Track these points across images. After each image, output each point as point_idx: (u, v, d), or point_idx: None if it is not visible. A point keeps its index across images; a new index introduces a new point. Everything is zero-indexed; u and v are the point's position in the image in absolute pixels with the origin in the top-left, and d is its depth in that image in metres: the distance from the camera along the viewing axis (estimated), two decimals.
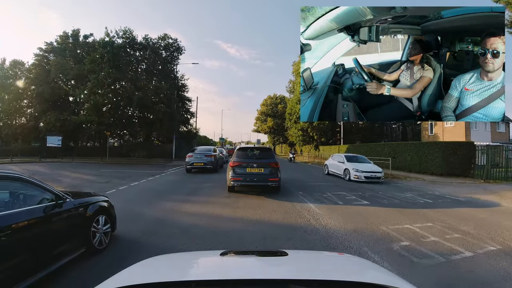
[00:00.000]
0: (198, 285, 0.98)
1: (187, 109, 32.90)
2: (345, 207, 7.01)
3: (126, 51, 25.91)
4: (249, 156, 8.35)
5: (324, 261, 1.66)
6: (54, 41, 30.60)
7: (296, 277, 1.14)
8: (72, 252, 3.23)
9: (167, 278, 1.14)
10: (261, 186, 8.16)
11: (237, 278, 1.08)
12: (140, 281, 1.04)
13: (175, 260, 1.58)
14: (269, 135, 57.78)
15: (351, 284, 1.04)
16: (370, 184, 11.37)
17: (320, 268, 1.44)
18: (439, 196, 8.86)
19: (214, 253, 1.53)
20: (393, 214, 6.32)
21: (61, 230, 3.17)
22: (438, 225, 5.36)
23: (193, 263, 1.52)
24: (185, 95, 32.53)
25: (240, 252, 1.64)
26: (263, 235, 4.48)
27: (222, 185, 9.63)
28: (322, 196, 8.41)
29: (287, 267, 1.37)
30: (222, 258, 1.43)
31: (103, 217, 3.93)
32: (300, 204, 7.13)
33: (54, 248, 2.98)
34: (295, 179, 12.90)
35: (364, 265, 1.57)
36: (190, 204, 6.84)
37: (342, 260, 1.70)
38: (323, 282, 1.04)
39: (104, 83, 23.56)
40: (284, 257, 1.42)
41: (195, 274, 1.35)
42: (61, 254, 3.04)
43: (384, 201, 7.89)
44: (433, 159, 14.83)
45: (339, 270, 1.42)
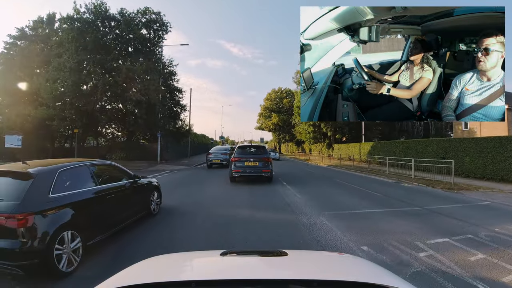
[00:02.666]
0: (198, 285, 0.99)
1: (177, 101, 26.03)
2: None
3: (98, 28, 20.44)
4: (247, 152, 10.59)
5: (324, 261, 1.67)
6: (25, 27, 25.13)
7: (296, 277, 1.15)
8: (140, 213, 5.23)
9: (167, 278, 1.15)
10: (256, 176, 10.32)
11: (237, 278, 1.09)
12: (140, 281, 1.05)
13: (175, 260, 1.59)
14: (273, 132, 52.17)
15: (351, 284, 1.04)
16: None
17: (320, 268, 1.44)
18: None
19: (214, 253, 1.54)
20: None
21: (135, 198, 5.06)
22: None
23: (193, 263, 1.54)
24: (175, 85, 25.59)
25: (240, 252, 1.66)
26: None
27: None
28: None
29: (287, 267, 1.38)
30: (222, 258, 1.44)
31: (156, 192, 5.94)
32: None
33: (132, 207, 4.91)
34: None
35: (364, 265, 1.59)
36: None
37: (342, 260, 1.72)
38: (323, 282, 1.04)
39: (66, 66, 18.39)
40: (284, 257, 1.43)
41: (195, 274, 1.36)
42: (135, 212, 5.01)
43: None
44: (504, 160, 10.98)
45: (339, 270, 1.43)
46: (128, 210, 4.71)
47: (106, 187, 4.15)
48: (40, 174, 3.24)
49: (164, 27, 23.01)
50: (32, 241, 2.82)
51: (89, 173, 3.99)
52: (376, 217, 5.97)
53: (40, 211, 2.96)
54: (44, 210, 3.01)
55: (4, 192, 3.03)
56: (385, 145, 20.57)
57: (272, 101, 50.01)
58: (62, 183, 3.41)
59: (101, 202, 3.96)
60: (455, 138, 15.45)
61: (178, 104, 26.08)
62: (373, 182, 11.85)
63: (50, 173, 3.37)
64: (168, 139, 24.54)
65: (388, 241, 4.36)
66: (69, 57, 18.69)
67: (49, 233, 2.95)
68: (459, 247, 4.15)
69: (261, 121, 52.64)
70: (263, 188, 9.66)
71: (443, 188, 9.62)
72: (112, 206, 4.22)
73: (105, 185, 4.18)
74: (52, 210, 3.11)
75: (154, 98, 19.80)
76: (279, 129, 48.84)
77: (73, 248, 3.23)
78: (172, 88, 25.38)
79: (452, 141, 14.35)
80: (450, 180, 10.33)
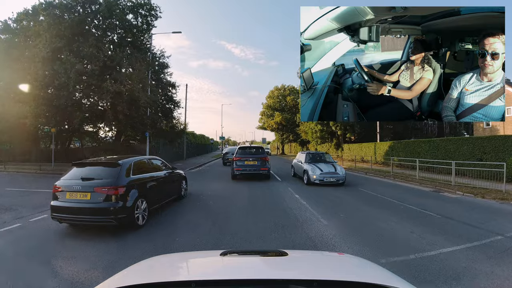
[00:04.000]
0: (198, 285, 0.99)
1: (170, 97, 22.27)
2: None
3: (78, 13, 17.83)
4: (247, 152, 11.73)
5: (324, 261, 1.67)
6: (8, 19, 22.33)
7: (296, 277, 1.14)
8: (175, 195, 7.10)
9: (167, 278, 1.16)
10: (255, 174, 11.36)
11: (237, 278, 1.09)
12: (140, 281, 1.06)
13: (175, 260, 1.60)
14: (276, 132, 47.81)
15: (351, 284, 1.04)
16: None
17: (320, 268, 1.44)
18: None
19: (214, 253, 1.54)
20: None
21: (172, 184, 6.92)
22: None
23: (193, 263, 1.54)
24: (168, 79, 22.00)
25: (240, 252, 1.66)
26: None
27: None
28: None
29: (287, 267, 1.38)
30: (222, 258, 1.44)
31: (184, 181, 7.90)
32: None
33: (171, 190, 6.82)
34: None
35: (364, 265, 1.58)
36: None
37: (342, 260, 1.72)
38: (323, 282, 1.03)
39: (39, 56, 16.20)
40: (284, 257, 1.43)
41: (195, 274, 1.36)
42: (172, 194, 6.92)
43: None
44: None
45: (339, 270, 1.43)
46: (169, 191, 6.67)
47: (157, 174, 6.06)
48: (124, 163, 5.01)
49: (154, 13, 19.93)
50: (122, 203, 4.53)
51: (147, 164, 6.04)
52: (470, 270, 3.54)
53: (125, 185, 4.70)
54: (127, 185, 4.76)
55: (105, 174, 4.78)
56: (406, 145, 17.70)
57: (275, 99, 46.37)
58: (135, 169, 5.24)
59: (155, 183, 5.80)
60: (495, 136, 13.17)
61: (171, 100, 22.16)
62: (405, 191, 9.74)
63: (129, 163, 5.16)
64: (161, 139, 21.69)
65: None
66: (43, 46, 16.27)
67: (131, 199, 4.72)
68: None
69: (263, 120, 48.55)
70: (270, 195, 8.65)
71: (495, 199, 7.94)
72: (160, 187, 6.05)
73: (156, 172, 6.13)
74: (132, 186, 4.89)
75: (137, 89, 16.50)
76: (282, 128, 44.82)
77: (143, 210, 5.06)
78: (164, 82, 21.60)
79: (492, 139, 12.27)
80: (500, 188, 8.38)
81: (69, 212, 4.53)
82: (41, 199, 7.42)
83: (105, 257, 3.72)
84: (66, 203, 4.56)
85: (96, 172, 4.88)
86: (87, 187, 4.54)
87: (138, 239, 4.41)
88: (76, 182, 4.67)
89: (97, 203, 4.48)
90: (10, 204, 7.02)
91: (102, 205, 4.48)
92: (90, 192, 4.50)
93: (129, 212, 4.62)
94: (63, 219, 4.64)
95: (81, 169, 5.01)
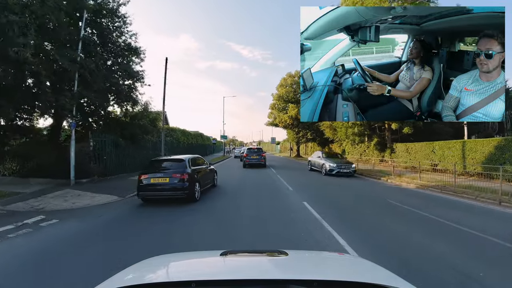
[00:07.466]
0: (198, 285, 0.98)
1: (129, 67, 12.89)
2: None
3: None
4: (252, 152, 20.03)
5: (324, 261, 1.67)
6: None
7: (296, 277, 1.14)
8: (211, 184, 9.75)
9: (167, 278, 1.15)
10: (257, 164, 19.28)
11: (237, 278, 1.09)
12: (140, 281, 1.05)
13: (175, 260, 1.59)
14: (290, 130, 36.16)
15: (351, 284, 1.04)
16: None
17: (320, 268, 1.44)
18: None
19: (214, 253, 1.53)
20: None
21: (209, 175, 9.50)
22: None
23: (193, 263, 1.54)
24: (127, 39, 12.81)
25: (240, 252, 1.65)
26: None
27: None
28: None
29: (287, 267, 1.38)
30: (222, 258, 1.44)
31: (215, 173, 10.54)
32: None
33: (209, 179, 9.50)
34: None
35: (364, 265, 1.58)
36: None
37: (342, 260, 1.71)
38: (323, 282, 1.04)
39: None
40: (284, 257, 1.43)
41: (195, 274, 1.35)
42: (210, 182, 9.67)
43: None
44: None
45: (339, 270, 1.43)
46: (208, 180, 9.27)
47: (201, 167, 8.60)
48: (186, 159, 7.67)
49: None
50: (188, 184, 7.08)
51: (197, 159, 8.74)
52: None
53: (189, 173, 7.24)
54: (190, 173, 7.31)
55: (177, 166, 7.42)
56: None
57: (288, 88, 34.33)
58: (192, 163, 7.86)
59: (204, 173, 8.59)
60: None
61: (132, 75, 12.85)
62: None
63: (188, 158, 7.79)
64: (113, 133, 12.56)
65: None
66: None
67: (192, 182, 7.29)
68: None
69: (273, 115, 36.56)
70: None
71: None
72: (205, 176, 8.74)
73: (201, 165, 8.75)
74: (192, 173, 7.45)
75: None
76: (298, 124, 33.24)
77: (198, 190, 7.65)
78: (118, 46, 12.65)
79: None
80: None
81: (154, 190, 7.01)
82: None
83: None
84: (151, 186, 6.99)
85: (170, 164, 7.62)
86: (167, 174, 7.13)
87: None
88: (157, 172, 7.29)
89: (174, 184, 6.97)
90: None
91: (177, 185, 6.97)
92: (168, 177, 7.04)
93: (192, 189, 7.20)
94: (147, 196, 7.15)
95: (158, 162, 7.98)
